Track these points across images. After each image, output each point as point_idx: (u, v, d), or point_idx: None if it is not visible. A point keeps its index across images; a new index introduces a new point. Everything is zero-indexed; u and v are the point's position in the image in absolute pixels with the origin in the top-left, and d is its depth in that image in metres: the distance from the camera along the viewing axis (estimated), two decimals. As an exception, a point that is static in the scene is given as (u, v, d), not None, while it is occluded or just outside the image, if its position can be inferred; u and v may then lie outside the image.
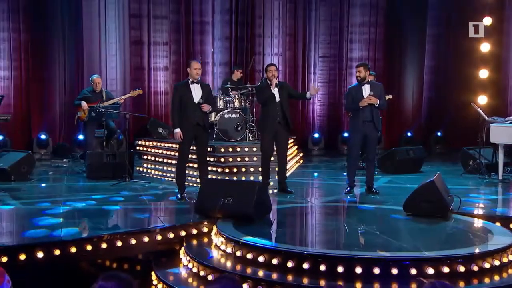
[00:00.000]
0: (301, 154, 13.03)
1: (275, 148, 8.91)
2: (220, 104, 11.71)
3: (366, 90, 8.63)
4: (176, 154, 9.78)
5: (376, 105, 8.60)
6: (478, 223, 6.94)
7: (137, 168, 11.37)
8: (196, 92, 8.09)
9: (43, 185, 9.74)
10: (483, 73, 13.63)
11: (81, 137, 12.09)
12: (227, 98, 11.68)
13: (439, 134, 14.47)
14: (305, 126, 14.66)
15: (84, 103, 10.64)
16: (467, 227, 6.78)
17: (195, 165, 9.24)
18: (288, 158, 11.74)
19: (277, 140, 8.74)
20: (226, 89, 11.88)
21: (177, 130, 8.06)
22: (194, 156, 8.89)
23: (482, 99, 13.53)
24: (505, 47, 13.64)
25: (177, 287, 5.79)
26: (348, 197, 8.68)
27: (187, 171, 8.79)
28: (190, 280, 6.01)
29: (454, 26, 14.13)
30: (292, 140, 13.13)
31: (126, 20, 13.64)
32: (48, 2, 12.96)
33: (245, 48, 14.16)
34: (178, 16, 13.93)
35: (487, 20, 13.39)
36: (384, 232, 6.58)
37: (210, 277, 5.76)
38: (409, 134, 14.56)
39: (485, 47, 13.60)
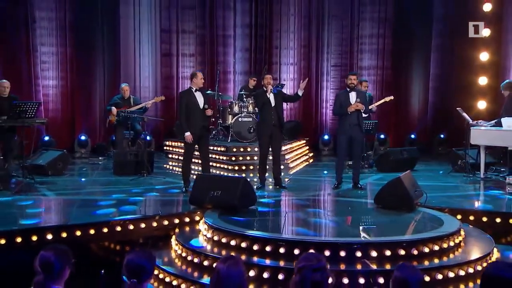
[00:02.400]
0: (311, 154, 13.35)
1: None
2: (236, 109, 12.18)
3: (353, 97, 8.95)
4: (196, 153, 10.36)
5: (362, 111, 8.93)
6: (436, 215, 7.14)
7: (164, 165, 11.95)
8: (200, 99, 8.59)
9: (74, 179, 10.35)
10: (483, 80, 13.62)
11: (116, 138, 12.73)
12: (242, 104, 12.12)
13: (442, 136, 14.51)
14: (317, 129, 14.95)
15: (114, 108, 11.28)
16: (423, 218, 7.04)
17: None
18: (297, 156, 12.23)
19: (272, 141, 9.05)
20: (241, 96, 12.33)
21: (188, 134, 8.53)
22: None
23: (482, 104, 13.54)
24: (503, 56, 13.60)
25: (161, 266, 6.28)
26: (334, 191, 9.02)
27: (193, 166, 9.26)
28: (176, 260, 6.51)
29: (457, 37, 14.15)
30: (304, 141, 13.57)
31: (157, 35, 14.29)
32: (90, 20, 13.63)
33: (263, 58, 14.55)
34: (203, 31, 14.47)
35: (486, 31, 13.39)
36: (347, 221, 6.98)
37: (189, 258, 6.26)
38: (412, 136, 14.67)
39: (484, 56, 13.59)
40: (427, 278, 5.50)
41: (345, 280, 5.46)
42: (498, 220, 7.29)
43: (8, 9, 13.10)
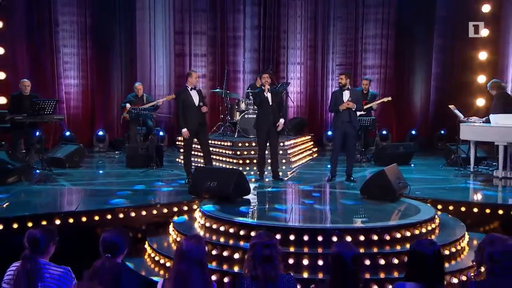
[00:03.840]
0: (315, 149, 13.60)
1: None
2: (243, 106, 12.51)
3: (346, 95, 9.21)
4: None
5: (354, 109, 9.18)
6: (416, 204, 7.38)
7: (176, 159, 12.30)
8: (195, 97, 8.95)
9: (89, 171, 10.72)
10: (481, 79, 13.72)
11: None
12: (248, 101, 12.42)
13: (442, 132, 14.62)
14: (322, 125, 15.19)
15: (128, 105, 11.72)
16: (403, 207, 7.30)
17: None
18: (300, 151, 12.51)
19: (270, 137, 9.33)
20: (248, 94, 12.65)
21: (185, 130, 8.89)
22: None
23: (480, 102, 13.61)
24: (501, 55, 13.70)
25: (158, 250, 6.66)
26: (329, 184, 9.29)
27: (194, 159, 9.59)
28: (172, 244, 6.88)
29: (457, 37, 14.28)
30: (309, 137, 13.85)
31: (171, 37, 14.70)
32: (108, 23, 14.13)
33: (271, 58, 14.84)
34: (214, 32, 14.84)
35: (485, 32, 13.50)
36: (331, 210, 7.28)
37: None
38: (413, 132, 14.83)
39: (483, 56, 13.70)
40: (395, 261, 5.79)
41: (320, 262, 5.79)
42: (475, 210, 7.51)
43: (34, 14, 13.62)
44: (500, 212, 7.37)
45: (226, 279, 5.74)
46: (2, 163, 8.98)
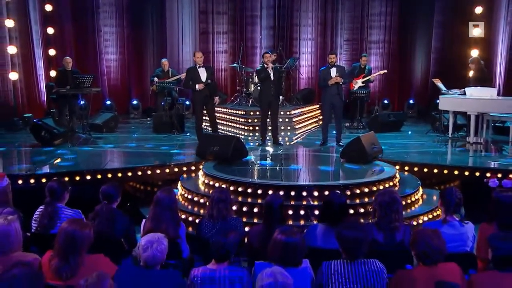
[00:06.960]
0: (321, 117, 14.30)
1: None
2: (256, 79, 13.28)
3: (333, 72, 9.93)
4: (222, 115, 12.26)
5: (341, 83, 9.91)
6: (384, 166, 8.12)
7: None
8: (202, 74, 9.83)
9: (122, 135, 11.67)
10: (474, 53, 14.06)
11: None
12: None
13: (437, 101, 15.05)
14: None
15: (155, 79, 12.71)
16: (373, 169, 8.05)
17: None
18: (306, 119, 13.27)
19: (271, 108, 10.10)
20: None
21: (197, 86, 9.79)
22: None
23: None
24: (492, 31, 14.00)
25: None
26: (322, 148, 10.09)
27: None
28: (180, 198, 7.81)
29: (455, 13, 14.63)
30: (317, 106, 14.56)
31: (196, 16, 15.52)
32: (142, 5, 15.09)
33: (285, 35, 15.53)
34: (234, 12, 15.59)
35: (478, 9, 13.83)
36: (312, 170, 8.12)
37: (185, 195, 7.60)
38: (411, 101, 15.37)
39: (476, 31, 14.02)
40: (351, 211, 6.63)
41: (290, 212, 6.65)
42: (435, 170, 8.22)
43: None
44: (456, 172, 8.07)
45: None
46: (50, 128, 10.09)
